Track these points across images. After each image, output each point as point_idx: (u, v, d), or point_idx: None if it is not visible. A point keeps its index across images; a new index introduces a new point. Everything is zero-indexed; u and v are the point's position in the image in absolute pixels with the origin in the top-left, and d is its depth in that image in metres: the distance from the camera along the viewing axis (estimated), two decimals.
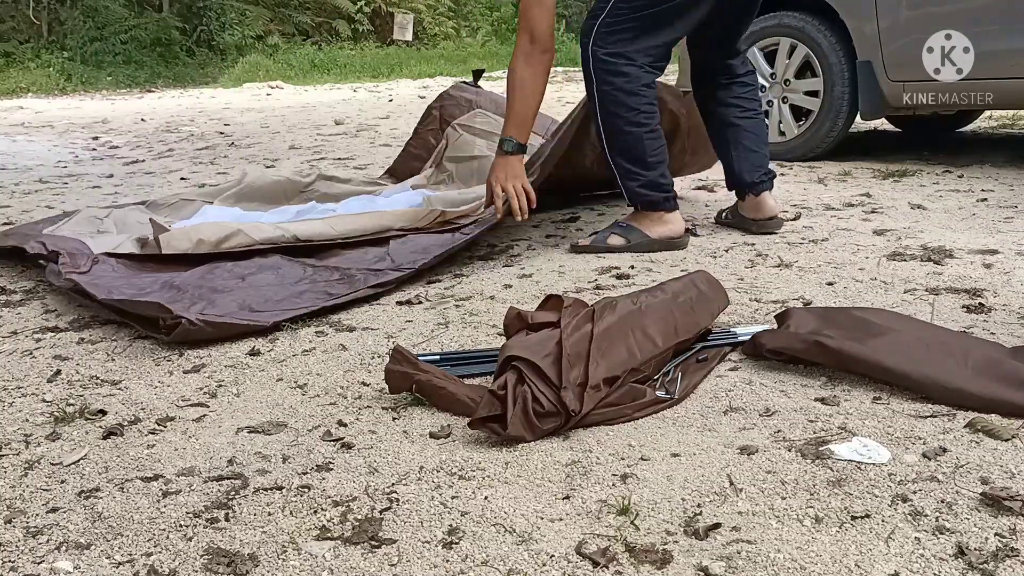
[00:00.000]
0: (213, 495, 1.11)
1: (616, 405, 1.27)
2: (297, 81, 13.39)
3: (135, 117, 7.98)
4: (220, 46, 15.93)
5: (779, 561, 0.92)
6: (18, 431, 1.33)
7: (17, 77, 13.35)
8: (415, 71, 14.41)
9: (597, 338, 1.31)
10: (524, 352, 1.27)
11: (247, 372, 1.55)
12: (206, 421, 1.35)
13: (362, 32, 17.69)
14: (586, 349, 1.29)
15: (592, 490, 1.08)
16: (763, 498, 1.04)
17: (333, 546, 0.98)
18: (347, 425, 1.30)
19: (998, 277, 1.92)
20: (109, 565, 0.96)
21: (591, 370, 1.27)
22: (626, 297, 1.48)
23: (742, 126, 2.38)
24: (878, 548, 0.93)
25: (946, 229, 2.42)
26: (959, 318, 1.65)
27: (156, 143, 5.82)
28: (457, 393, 1.32)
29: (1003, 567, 0.89)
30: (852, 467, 1.10)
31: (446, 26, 19.14)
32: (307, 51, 16.19)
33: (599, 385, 1.26)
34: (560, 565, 0.93)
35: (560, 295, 1.47)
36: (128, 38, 14.80)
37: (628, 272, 2.11)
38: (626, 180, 2.23)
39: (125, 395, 1.46)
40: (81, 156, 5.24)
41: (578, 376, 1.26)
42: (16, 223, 2.90)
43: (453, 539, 0.98)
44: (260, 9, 17.02)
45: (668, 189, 2.24)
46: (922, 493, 1.04)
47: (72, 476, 1.18)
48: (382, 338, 1.70)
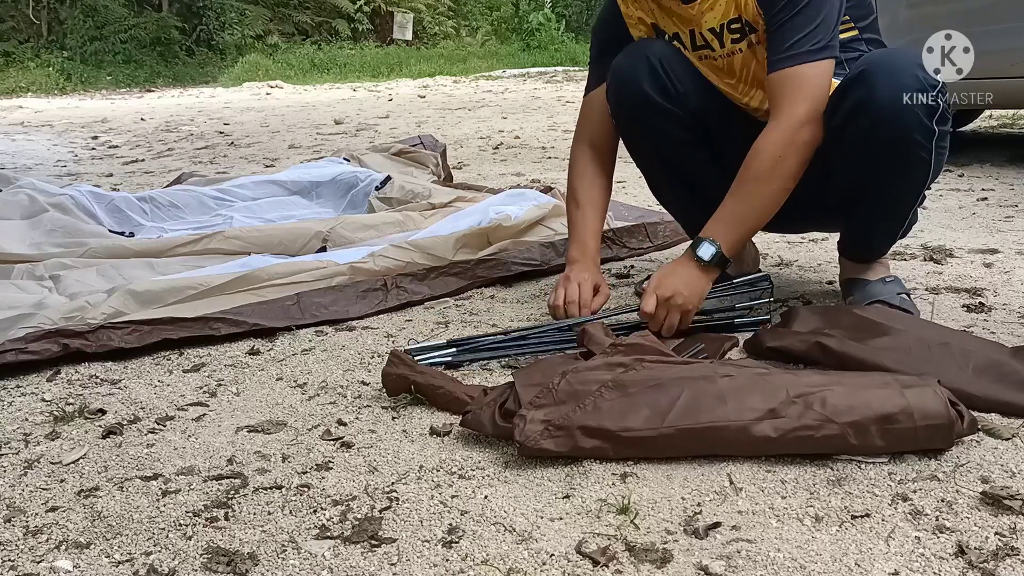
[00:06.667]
0: (213, 494, 1.11)
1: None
2: (297, 81, 13.39)
3: (135, 116, 7.98)
4: (220, 46, 15.94)
5: (779, 560, 0.91)
6: (18, 430, 1.33)
7: (17, 76, 13.35)
8: (415, 71, 14.41)
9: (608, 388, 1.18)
10: (524, 373, 1.29)
11: (247, 371, 1.55)
12: (206, 420, 1.35)
13: (362, 32, 17.70)
14: (585, 391, 1.18)
15: (592, 489, 1.07)
16: (763, 497, 1.04)
17: (333, 545, 0.98)
18: (347, 424, 1.30)
19: (998, 276, 1.92)
20: (108, 564, 0.96)
21: (569, 414, 1.15)
22: (704, 365, 1.29)
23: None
24: (878, 547, 0.93)
25: (946, 228, 2.42)
26: (959, 317, 1.65)
27: (156, 142, 5.82)
28: (455, 392, 1.32)
29: (1003, 566, 0.89)
30: (852, 466, 1.10)
31: (446, 25, 19.15)
32: (307, 51, 16.20)
33: (571, 430, 1.14)
34: (560, 564, 0.93)
35: (642, 337, 1.34)
36: (128, 37, 14.81)
37: (628, 272, 2.11)
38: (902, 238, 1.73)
39: (124, 394, 1.46)
40: (80, 155, 5.24)
41: (552, 414, 1.15)
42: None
43: (453, 538, 0.98)
44: (260, 8, 17.03)
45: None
46: (922, 492, 1.04)
47: (71, 475, 1.18)
48: (381, 337, 1.70)
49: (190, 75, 14.82)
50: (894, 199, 1.59)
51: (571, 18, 18.78)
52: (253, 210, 2.74)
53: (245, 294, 1.86)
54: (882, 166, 1.51)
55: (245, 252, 2.21)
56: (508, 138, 5.32)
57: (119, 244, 2.27)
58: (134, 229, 2.55)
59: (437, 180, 3.14)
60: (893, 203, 1.60)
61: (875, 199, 1.58)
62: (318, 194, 2.92)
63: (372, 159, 3.26)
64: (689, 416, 1.13)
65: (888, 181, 1.54)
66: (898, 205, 1.60)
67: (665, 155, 1.75)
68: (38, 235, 2.30)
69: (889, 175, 1.53)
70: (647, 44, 1.68)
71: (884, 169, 1.52)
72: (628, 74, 1.67)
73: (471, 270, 2.04)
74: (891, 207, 1.61)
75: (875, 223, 1.65)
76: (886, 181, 1.54)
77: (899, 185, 1.55)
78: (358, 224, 2.39)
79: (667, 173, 1.80)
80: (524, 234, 2.26)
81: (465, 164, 4.19)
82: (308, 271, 1.96)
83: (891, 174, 1.53)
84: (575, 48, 16.18)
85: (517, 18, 18.47)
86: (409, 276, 1.98)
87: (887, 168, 1.52)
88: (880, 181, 1.55)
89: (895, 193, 1.57)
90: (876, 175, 1.53)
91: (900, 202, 1.59)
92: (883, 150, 1.49)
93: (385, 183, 2.79)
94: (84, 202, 2.53)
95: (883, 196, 1.58)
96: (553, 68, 13.77)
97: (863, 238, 1.70)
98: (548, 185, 2.85)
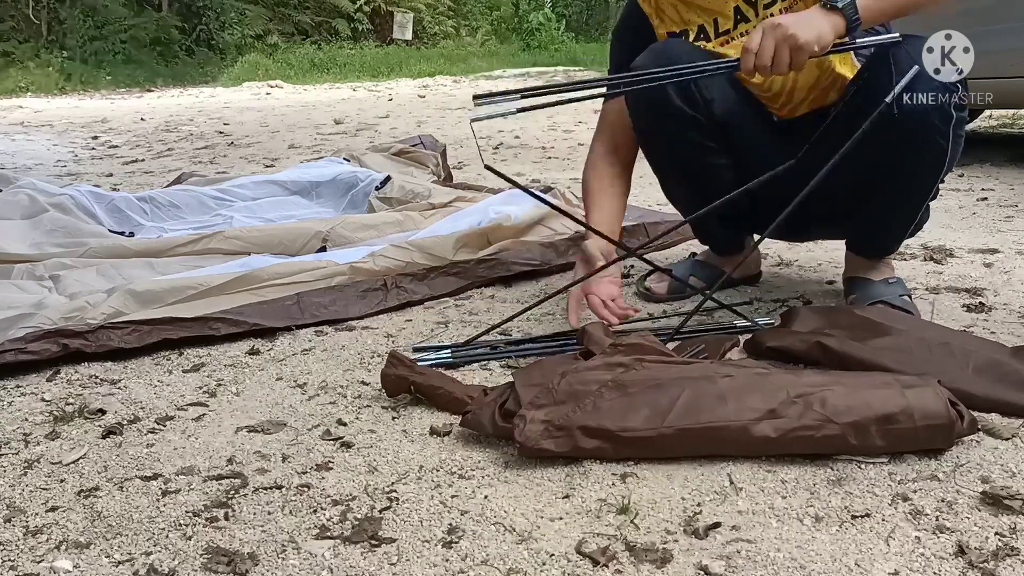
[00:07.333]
0: (212, 494, 1.11)
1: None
2: (297, 80, 13.39)
3: (134, 116, 7.98)
4: (219, 45, 15.95)
5: (779, 560, 0.91)
6: (17, 430, 1.33)
7: (16, 76, 13.35)
8: (415, 70, 14.41)
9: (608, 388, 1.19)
10: (524, 373, 1.29)
11: (247, 371, 1.55)
12: (205, 420, 1.35)
13: (362, 31, 17.71)
14: (585, 392, 1.18)
15: (592, 489, 1.07)
16: (763, 497, 1.04)
17: (333, 545, 0.98)
18: (347, 424, 1.30)
19: (998, 276, 1.92)
20: (108, 564, 0.96)
21: (569, 415, 1.15)
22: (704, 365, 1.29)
23: None
24: (878, 547, 0.93)
25: (946, 228, 2.42)
26: (959, 317, 1.65)
27: (155, 142, 5.82)
28: (455, 392, 1.32)
29: (1003, 566, 0.89)
30: (852, 466, 1.10)
31: (446, 25, 19.15)
32: (307, 50, 16.21)
33: (571, 430, 1.14)
34: (560, 564, 0.93)
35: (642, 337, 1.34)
36: (127, 37, 14.82)
37: (628, 272, 2.11)
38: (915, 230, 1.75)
39: (124, 394, 1.46)
40: (80, 155, 5.24)
41: (552, 414, 1.15)
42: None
43: (453, 538, 0.98)
44: (259, 8, 17.03)
45: None
46: (922, 492, 1.04)
47: (71, 475, 1.18)
48: (381, 337, 1.70)
49: (190, 75, 14.82)
50: (910, 189, 1.58)
51: (571, 18, 18.79)
52: (253, 210, 2.74)
53: (245, 294, 1.86)
54: (900, 152, 1.50)
55: (245, 252, 2.21)
56: (508, 138, 5.32)
57: (119, 244, 2.27)
58: (134, 229, 2.55)
59: (437, 180, 3.14)
60: (909, 193, 1.59)
61: (891, 188, 1.56)
62: (318, 194, 2.92)
63: (372, 159, 3.26)
64: (689, 416, 1.13)
65: (906, 168, 1.53)
66: (913, 195, 1.59)
67: (682, 161, 1.72)
68: (38, 235, 2.30)
69: (906, 162, 1.52)
70: (673, 46, 1.65)
71: (902, 156, 1.51)
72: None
73: (471, 270, 2.04)
74: (906, 197, 1.59)
75: (888, 214, 1.63)
76: (903, 168, 1.53)
77: (916, 172, 1.54)
78: (358, 224, 2.39)
79: (682, 177, 1.78)
80: (524, 234, 2.26)
81: (465, 164, 4.19)
82: (308, 271, 1.96)
83: (908, 161, 1.52)
84: (575, 48, 16.18)
85: (517, 18, 18.48)
86: (409, 276, 1.98)
87: (905, 155, 1.51)
88: (897, 168, 1.53)
89: (911, 182, 1.56)
90: (893, 162, 1.52)
91: (915, 192, 1.59)
92: (902, 135, 1.48)
93: (385, 183, 2.79)
94: (84, 202, 2.53)
95: (899, 185, 1.57)
96: (553, 68, 13.76)
97: (875, 231, 1.68)
98: (548, 185, 2.85)
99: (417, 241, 2.11)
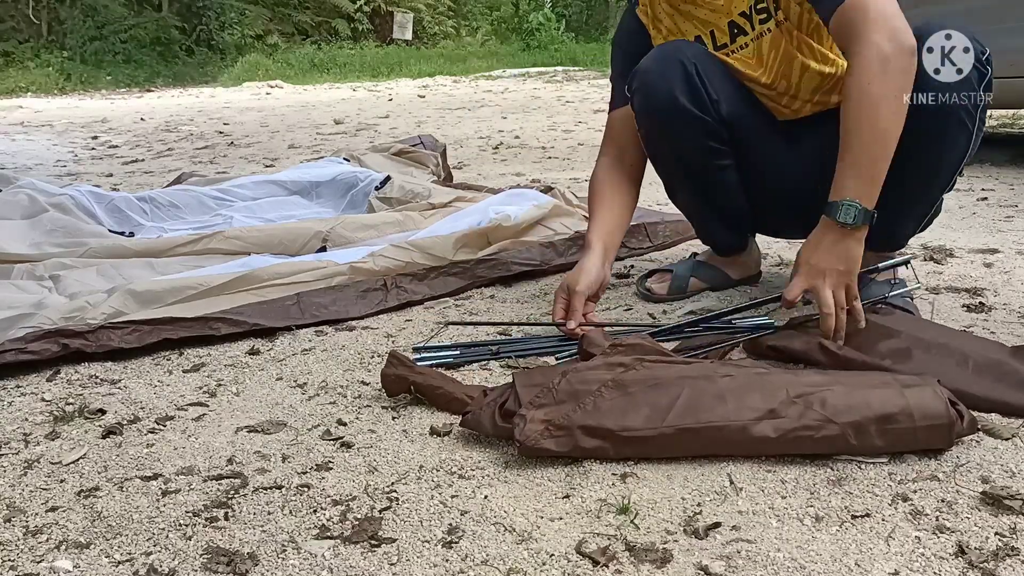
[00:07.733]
0: (212, 494, 1.11)
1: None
2: (297, 80, 13.39)
3: (134, 116, 7.99)
4: (220, 45, 15.96)
5: (779, 560, 0.91)
6: (17, 430, 1.33)
7: (16, 76, 13.36)
8: (415, 70, 14.42)
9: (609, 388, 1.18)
10: (524, 373, 1.29)
11: (246, 371, 1.55)
12: (205, 420, 1.35)
13: (362, 31, 17.72)
14: (585, 391, 1.18)
15: (592, 489, 1.07)
16: (763, 497, 1.04)
17: (333, 545, 0.98)
18: (347, 424, 1.30)
19: (998, 276, 1.92)
20: (108, 564, 0.96)
21: (569, 414, 1.15)
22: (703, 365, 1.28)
23: None
24: (878, 547, 0.93)
25: (946, 228, 2.42)
26: (959, 317, 1.65)
27: (155, 142, 5.83)
28: (454, 392, 1.32)
29: (1003, 566, 0.89)
30: (852, 466, 1.10)
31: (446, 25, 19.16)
32: (307, 50, 16.22)
33: (571, 430, 1.14)
34: (560, 564, 0.93)
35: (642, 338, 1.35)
36: (127, 37, 14.83)
37: (628, 272, 2.11)
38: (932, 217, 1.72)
39: (124, 394, 1.46)
40: (80, 155, 5.24)
41: (552, 413, 1.15)
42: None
43: (453, 538, 0.98)
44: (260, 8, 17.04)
45: None
46: (922, 492, 1.04)
47: (71, 475, 1.18)
48: (381, 337, 1.70)
49: (190, 75, 14.82)
50: (932, 173, 1.56)
51: (571, 18, 18.79)
52: (253, 210, 2.73)
53: (245, 294, 1.86)
54: (925, 134, 1.47)
55: (245, 252, 2.21)
56: (508, 138, 5.32)
57: (119, 244, 2.27)
58: (134, 229, 2.55)
59: (437, 180, 3.14)
60: (930, 177, 1.57)
61: (912, 171, 1.52)
62: (318, 194, 2.91)
63: (372, 159, 3.26)
64: (689, 416, 1.13)
65: (930, 150, 1.50)
66: (934, 180, 1.57)
67: (688, 163, 1.71)
68: (38, 235, 2.30)
69: (932, 144, 1.49)
70: (680, 46, 1.64)
71: (927, 138, 1.48)
72: (657, 79, 1.63)
73: (471, 270, 2.04)
74: (927, 182, 1.57)
75: (908, 202, 1.60)
76: (928, 150, 1.50)
77: (940, 155, 1.52)
78: (358, 224, 2.39)
79: (687, 179, 1.77)
80: (524, 234, 2.26)
81: (465, 164, 4.19)
82: (308, 271, 1.96)
83: (934, 142, 1.49)
84: (575, 48, 16.18)
85: (517, 18, 18.48)
86: (409, 276, 1.98)
87: (930, 136, 1.48)
88: (923, 151, 1.50)
89: (934, 165, 1.54)
90: (918, 143, 1.46)
91: (937, 176, 1.57)
92: (928, 115, 1.45)
93: (385, 183, 2.79)
94: (84, 202, 2.52)
95: (921, 169, 1.53)
96: (553, 68, 13.77)
97: (890, 221, 1.62)
98: (548, 185, 2.85)
99: (417, 241, 2.11)
